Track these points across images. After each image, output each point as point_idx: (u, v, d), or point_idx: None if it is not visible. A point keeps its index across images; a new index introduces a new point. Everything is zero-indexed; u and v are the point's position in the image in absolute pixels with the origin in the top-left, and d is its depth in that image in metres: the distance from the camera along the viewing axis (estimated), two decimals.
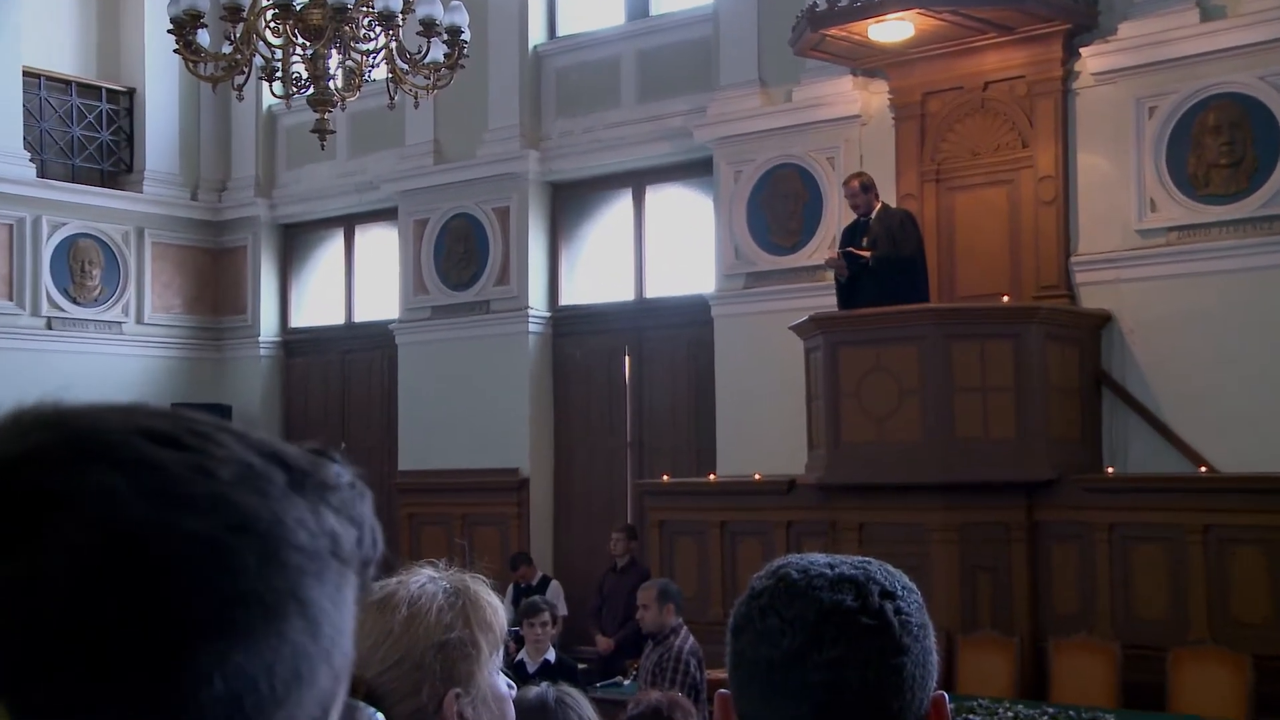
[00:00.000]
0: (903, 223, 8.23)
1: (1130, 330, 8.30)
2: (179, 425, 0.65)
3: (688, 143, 10.38)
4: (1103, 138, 8.52)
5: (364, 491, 0.70)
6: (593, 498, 11.10)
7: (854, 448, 7.96)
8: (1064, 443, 7.97)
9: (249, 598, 0.62)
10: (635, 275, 11.12)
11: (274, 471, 0.66)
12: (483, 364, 11.28)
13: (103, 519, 0.61)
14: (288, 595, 0.63)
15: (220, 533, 0.62)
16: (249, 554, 0.63)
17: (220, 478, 0.64)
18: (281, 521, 0.64)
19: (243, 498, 0.64)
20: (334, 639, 0.66)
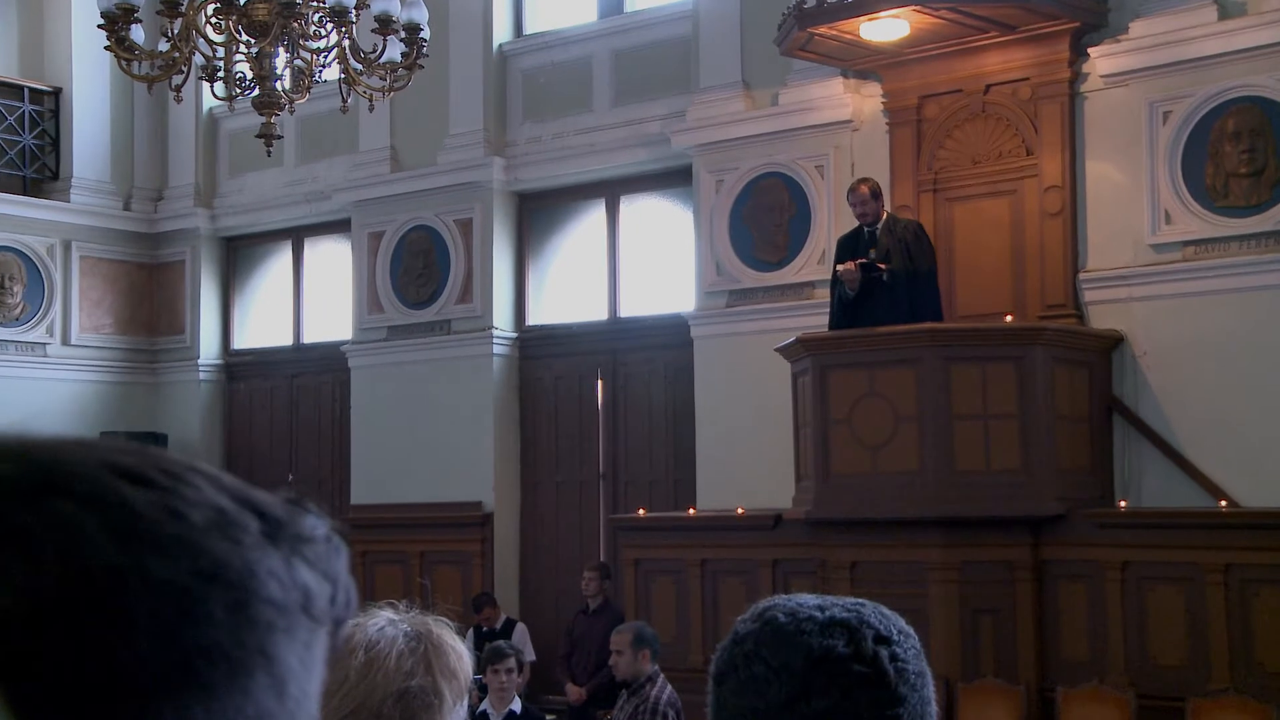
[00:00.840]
0: (916, 234, 8.25)
1: (1143, 353, 8.36)
2: (148, 462, 0.65)
3: (665, 150, 10.41)
4: (1113, 145, 8.59)
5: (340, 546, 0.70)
6: (562, 534, 11.08)
7: (845, 480, 7.98)
8: (1072, 474, 8.00)
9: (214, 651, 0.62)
10: (609, 293, 11.13)
11: (247, 519, 0.66)
12: (443, 389, 11.26)
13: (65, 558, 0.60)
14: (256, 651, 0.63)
15: (188, 580, 0.62)
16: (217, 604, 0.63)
17: (191, 521, 0.64)
18: (253, 572, 0.64)
19: (214, 544, 0.64)
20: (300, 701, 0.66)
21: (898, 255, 8.16)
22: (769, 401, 9.23)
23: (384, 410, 11.55)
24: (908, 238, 8.19)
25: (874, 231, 8.33)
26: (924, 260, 8.18)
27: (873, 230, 8.33)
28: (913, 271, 8.11)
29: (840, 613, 1.24)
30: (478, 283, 11.29)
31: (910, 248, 8.16)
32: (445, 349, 11.36)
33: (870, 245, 8.31)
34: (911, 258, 8.14)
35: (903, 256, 8.15)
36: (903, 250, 8.16)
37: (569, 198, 11.34)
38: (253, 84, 6.66)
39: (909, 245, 8.17)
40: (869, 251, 8.28)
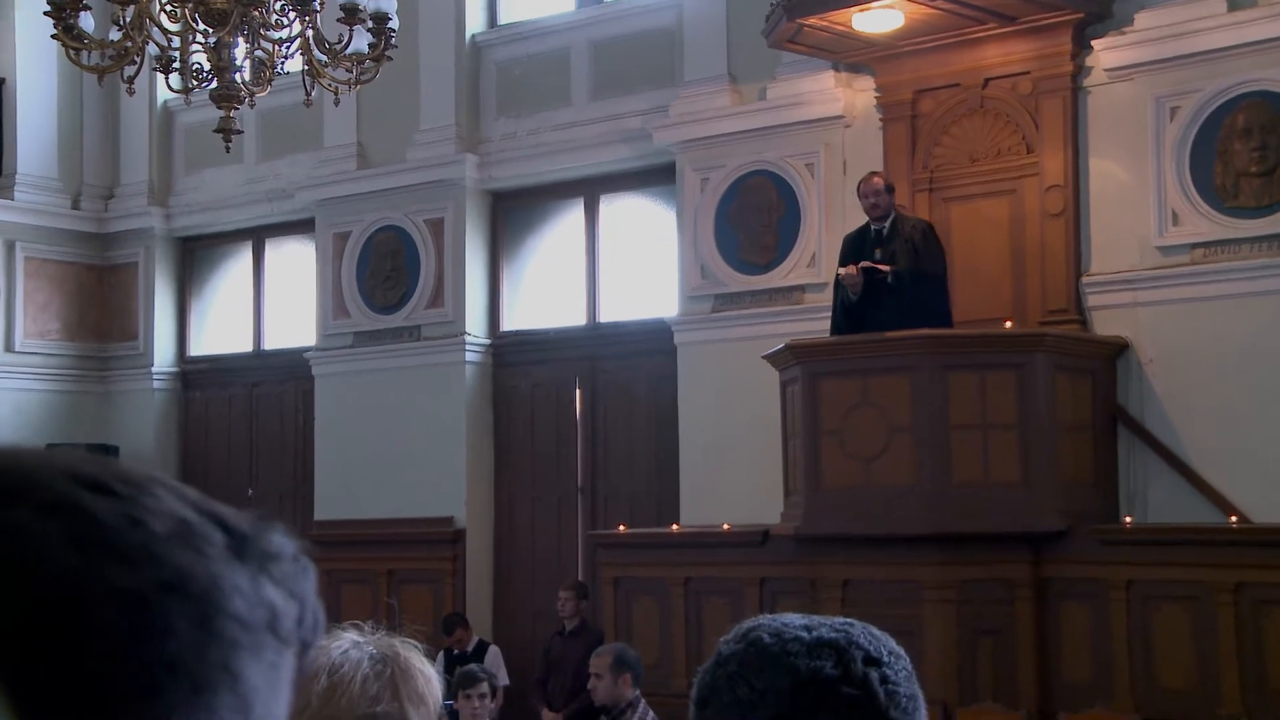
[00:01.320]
0: (925, 235, 8.26)
1: (1149, 360, 8.39)
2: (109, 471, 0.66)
3: (647, 146, 10.42)
4: (1118, 142, 8.62)
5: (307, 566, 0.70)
6: (538, 551, 11.07)
7: (837, 494, 7.99)
8: (1075, 488, 8.03)
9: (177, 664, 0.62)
10: (588, 297, 11.13)
11: (212, 532, 0.66)
12: (412, 398, 11.25)
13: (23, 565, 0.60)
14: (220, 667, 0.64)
15: (151, 590, 0.62)
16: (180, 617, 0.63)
17: (154, 530, 0.64)
18: (218, 586, 0.64)
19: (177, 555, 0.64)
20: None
21: (904, 256, 8.16)
22: (756, 411, 9.24)
23: (350, 421, 11.53)
24: (916, 238, 8.20)
25: (882, 230, 8.33)
26: (932, 263, 8.18)
27: (881, 228, 8.34)
28: (919, 274, 8.11)
29: (828, 633, 1.24)
30: (449, 286, 11.28)
31: (918, 249, 8.17)
32: (415, 356, 11.35)
33: (877, 244, 8.32)
34: (919, 259, 8.15)
35: (910, 258, 8.15)
36: (910, 251, 8.17)
37: (546, 197, 11.34)
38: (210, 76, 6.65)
39: (917, 246, 8.17)
40: (874, 251, 8.29)
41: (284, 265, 12.67)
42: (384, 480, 11.26)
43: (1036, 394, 7.86)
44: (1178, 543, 7.61)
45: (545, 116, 11.14)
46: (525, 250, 11.50)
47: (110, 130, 13.15)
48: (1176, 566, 7.52)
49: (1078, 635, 7.75)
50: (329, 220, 11.84)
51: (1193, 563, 7.47)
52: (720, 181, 10.01)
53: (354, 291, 11.67)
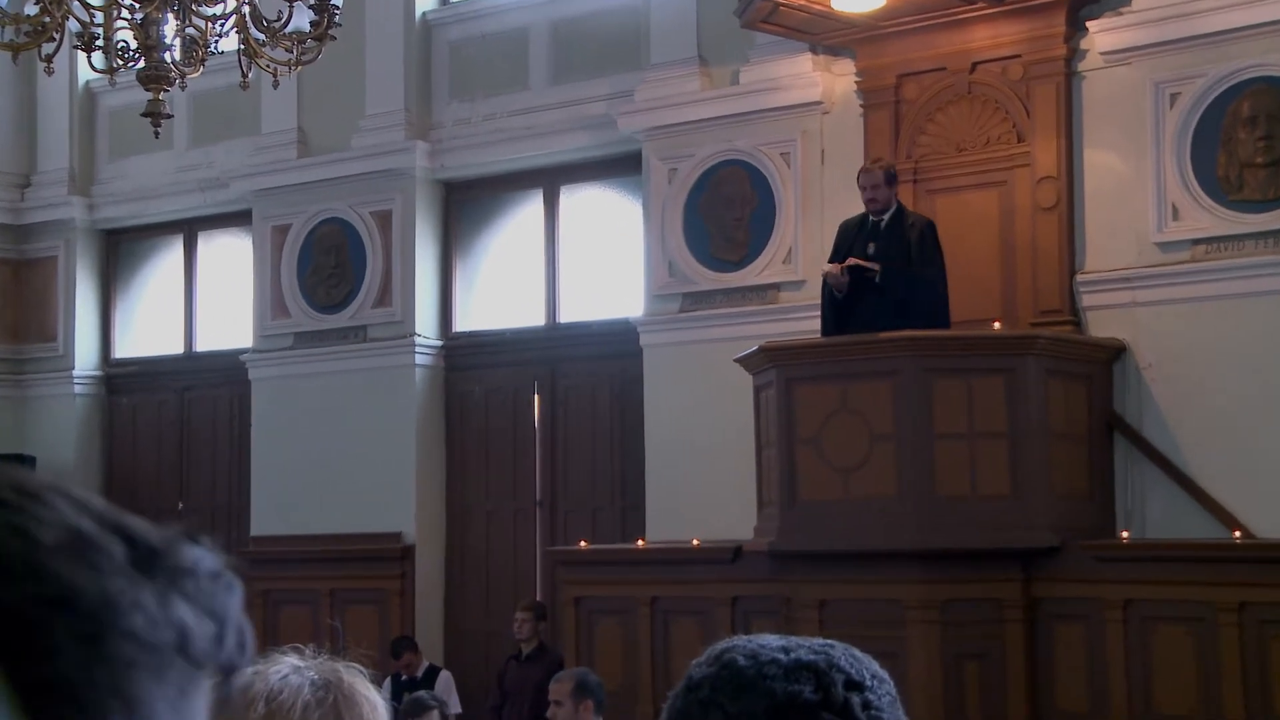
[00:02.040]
0: (924, 235, 8.23)
1: (1148, 364, 8.43)
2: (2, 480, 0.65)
3: (611, 134, 10.42)
4: (1114, 131, 8.66)
5: (232, 583, 0.70)
6: (493, 569, 11.05)
7: (814, 507, 8.00)
8: (1068, 501, 8.06)
9: (58, 687, 0.61)
10: (547, 295, 11.12)
11: (112, 545, 0.65)
12: (358, 404, 11.21)
13: None
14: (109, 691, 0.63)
15: (30, 606, 0.62)
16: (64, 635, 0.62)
17: (39, 542, 0.63)
18: (112, 603, 0.64)
19: (64, 568, 0.63)
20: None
21: (897, 254, 8.15)
22: (728, 418, 9.24)
23: (289, 429, 11.49)
24: (912, 237, 8.20)
25: (880, 223, 8.33)
26: (928, 265, 8.16)
27: (879, 221, 8.34)
28: (911, 277, 8.09)
29: (807, 655, 1.24)
30: (398, 283, 11.25)
31: (913, 248, 8.16)
32: (360, 359, 11.32)
33: (871, 238, 8.31)
34: (912, 259, 8.14)
35: (902, 256, 8.14)
36: (903, 249, 8.16)
37: (502, 187, 11.32)
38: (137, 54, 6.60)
39: (911, 245, 8.17)
40: (867, 245, 8.28)
41: (218, 260, 12.61)
42: (326, 493, 11.22)
43: (1027, 400, 7.88)
44: (1178, 559, 7.65)
45: (501, 101, 11.12)
46: (480, 245, 11.48)
47: (27, 113, 13.05)
48: (1177, 585, 7.55)
49: (1071, 658, 7.78)
50: (267, 212, 11.79)
51: (1194, 581, 7.51)
52: (689, 172, 10.01)
53: (294, 289, 11.62)
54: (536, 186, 11.21)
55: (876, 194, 8.31)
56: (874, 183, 8.33)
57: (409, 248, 11.25)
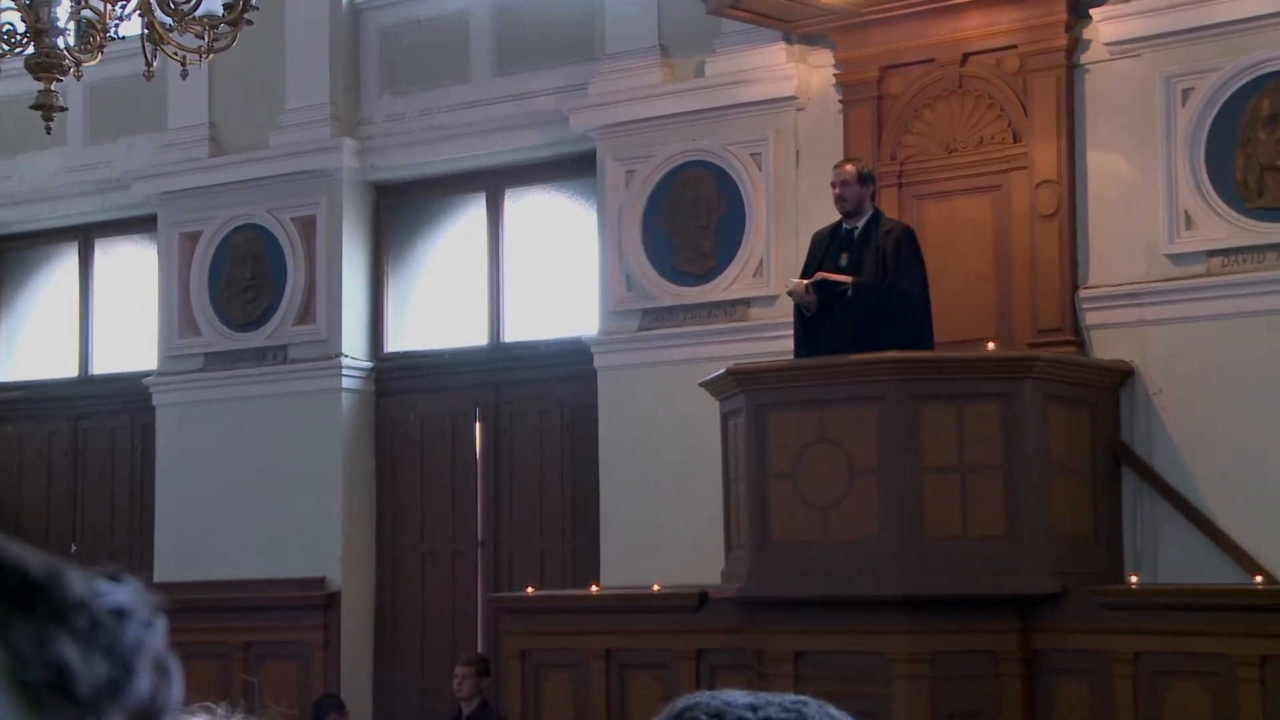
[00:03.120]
0: (900, 243, 8.22)
1: (1159, 389, 8.47)
2: None
3: (562, 131, 10.42)
4: (1121, 130, 8.71)
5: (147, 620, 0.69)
6: (430, 618, 11.02)
7: (788, 549, 8.00)
8: (1071, 542, 8.08)
9: None
10: (490, 311, 11.11)
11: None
12: (276, 434, 11.16)
13: None
14: None
15: None
16: None
17: None
18: None
19: None
20: None
21: (871, 265, 8.16)
22: (692, 449, 9.23)
23: (199, 461, 11.42)
24: (887, 245, 8.18)
25: (854, 230, 8.34)
26: (905, 276, 8.15)
27: (853, 228, 8.35)
28: (885, 290, 8.09)
29: (778, 714, 1.24)
30: (322, 298, 11.21)
31: (888, 258, 8.15)
32: (280, 382, 11.27)
33: (843, 248, 8.32)
34: (888, 269, 8.14)
35: (878, 267, 8.14)
36: (878, 259, 8.16)
37: (440, 190, 11.31)
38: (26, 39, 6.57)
39: (886, 255, 8.16)
40: (839, 256, 8.29)
41: (118, 271, 12.54)
42: (240, 534, 11.16)
43: (1025, 429, 7.91)
44: (1194, 607, 7.68)
45: (439, 95, 11.11)
46: (415, 255, 11.46)
47: None
48: (1192, 636, 7.58)
49: (1075, 717, 7.80)
50: (174, 217, 11.74)
51: (1211, 631, 7.53)
52: (649, 174, 10.02)
53: (205, 304, 11.57)
54: (478, 190, 11.20)
55: (845, 192, 8.31)
56: (843, 179, 8.33)
57: (335, 258, 11.21)
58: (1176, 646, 7.60)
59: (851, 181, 8.33)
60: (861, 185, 8.35)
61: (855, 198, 8.33)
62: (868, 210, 8.36)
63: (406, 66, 11.28)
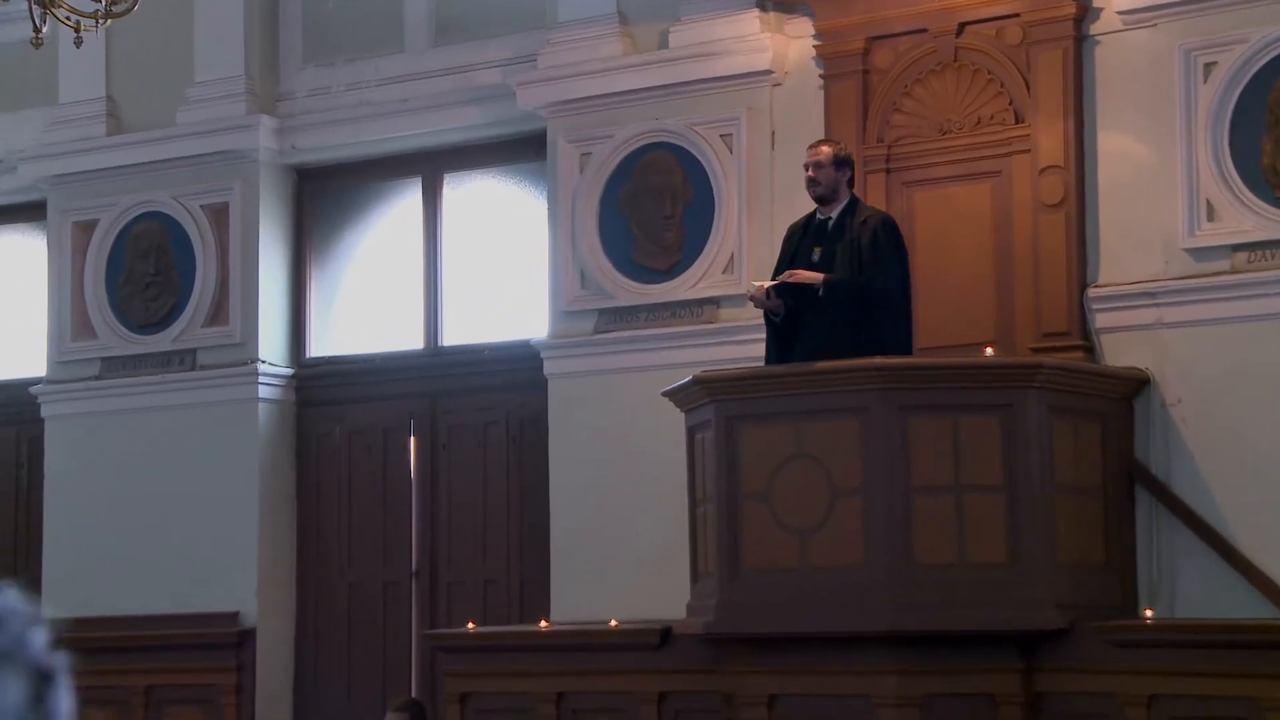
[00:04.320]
0: (878, 234, 8.18)
1: (1177, 400, 8.49)
2: None
3: (508, 109, 10.40)
4: (1135, 109, 8.73)
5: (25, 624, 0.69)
6: (357, 658, 10.97)
7: (762, 578, 7.99)
8: (1079, 571, 8.09)
9: None
10: (427, 311, 11.07)
11: None
12: (184, 449, 11.10)
13: None
14: None
15: None
16: None
17: None
18: None
19: None
20: None
21: (845, 260, 8.14)
22: (654, 467, 9.22)
23: (94, 480, 11.35)
24: (863, 237, 8.16)
25: (828, 220, 8.32)
26: (882, 272, 8.13)
27: (827, 218, 8.32)
28: (862, 287, 8.07)
29: None
30: (236, 296, 11.16)
31: (864, 252, 8.13)
32: (188, 391, 11.22)
33: (817, 240, 8.30)
34: (863, 264, 8.12)
35: (851, 262, 8.12)
36: (852, 252, 8.14)
37: (370, 175, 11.27)
38: None
39: (862, 249, 8.14)
40: (812, 249, 8.28)
41: (1, 265, 12.46)
42: (141, 563, 11.09)
43: (1027, 445, 7.91)
44: (1216, 645, 7.68)
45: (369, 66, 11.08)
46: (342, 247, 11.42)
47: None
48: (1214, 677, 7.58)
49: None
50: (67, 204, 11.67)
51: (1235, 672, 7.54)
52: (606, 158, 10.01)
53: (102, 302, 11.51)
54: (414, 174, 11.17)
55: (819, 175, 8.29)
56: (817, 160, 8.31)
57: (251, 251, 11.16)
58: (1196, 689, 7.60)
59: (826, 164, 8.32)
60: (838, 169, 8.33)
61: (829, 181, 8.31)
62: (844, 197, 8.35)
63: (332, 35, 11.24)
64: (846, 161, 8.40)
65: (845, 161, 8.39)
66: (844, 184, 8.36)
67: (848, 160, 8.42)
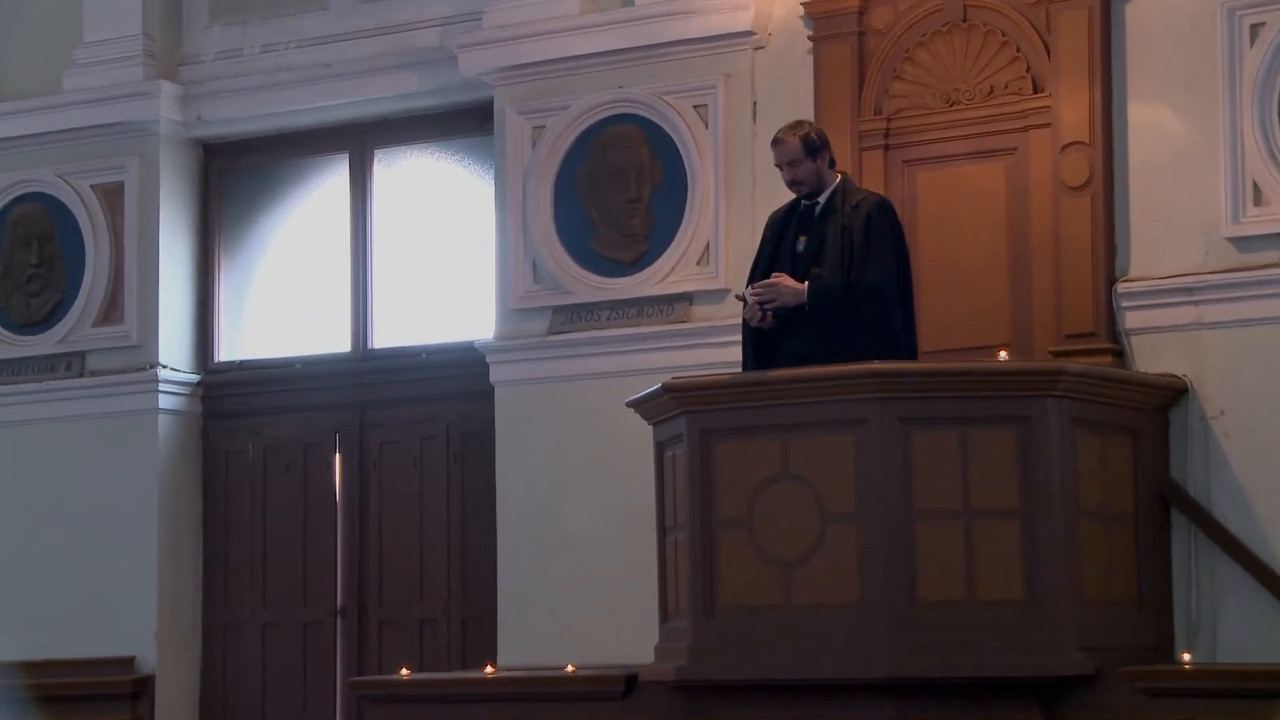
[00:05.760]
0: (872, 219, 8.08)
1: (1219, 412, 8.50)
2: None
3: (448, 75, 10.39)
4: (1171, 76, 8.73)
5: None
6: (272, 709, 10.98)
7: (741, 617, 7.98)
8: (1107, 609, 8.10)
9: None
10: (355, 309, 11.07)
11: None
12: (72, 468, 11.08)
13: None
14: None
15: None
16: None
17: None
18: None
19: None
20: None
21: (834, 251, 8.10)
22: (617, 489, 9.22)
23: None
24: (855, 226, 8.10)
25: (814, 208, 8.28)
26: (877, 266, 8.07)
27: (813, 205, 8.29)
28: (858, 288, 8.01)
29: None
30: (132, 291, 11.14)
31: (856, 242, 8.07)
32: (76, 401, 11.19)
33: (802, 229, 8.26)
34: (853, 261, 8.05)
35: (843, 255, 8.07)
36: (843, 243, 8.09)
37: (288, 151, 11.28)
38: None
39: (854, 238, 8.09)
40: (797, 239, 8.24)
41: None
42: (23, 601, 11.08)
43: (1047, 464, 7.91)
44: (1262, 694, 7.70)
45: (287, 26, 11.07)
46: (256, 235, 11.41)
47: None
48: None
49: None
50: None
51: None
52: (563, 132, 10.01)
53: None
54: (339, 150, 11.17)
55: (797, 173, 8.16)
56: (790, 158, 8.15)
57: (149, 238, 11.15)
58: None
59: (800, 158, 8.17)
60: (813, 157, 8.18)
61: (809, 175, 8.20)
62: (831, 180, 8.26)
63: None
64: (819, 144, 8.20)
65: (817, 145, 8.18)
66: (825, 168, 8.25)
67: (820, 142, 8.21)
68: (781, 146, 8.24)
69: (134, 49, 11.26)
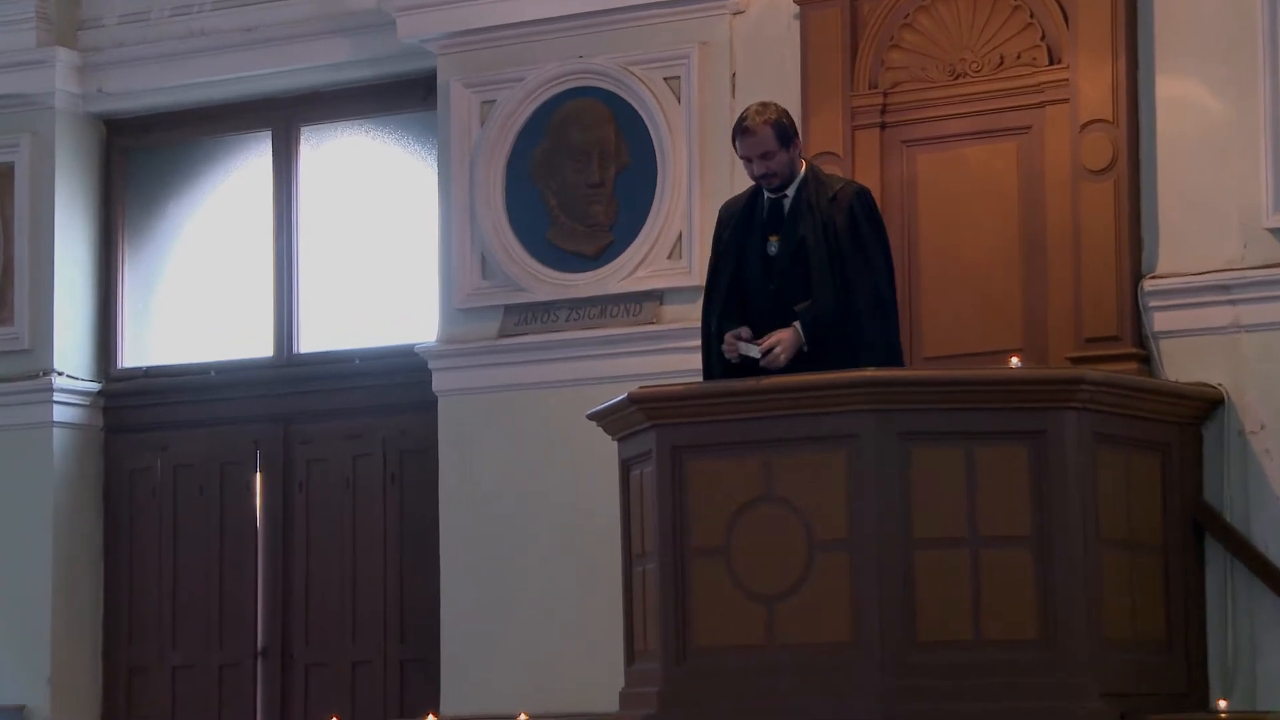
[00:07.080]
0: (856, 212, 7.99)
1: (1259, 427, 8.54)
2: None
3: (386, 43, 10.42)
4: (1204, 48, 8.77)
5: None
6: None
7: (717, 658, 7.99)
8: (1132, 649, 8.13)
9: None
10: (279, 308, 11.07)
11: None
12: None
13: None
14: None
15: None
16: None
17: None
18: None
19: None
20: None
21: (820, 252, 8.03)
22: (577, 513, 9.24)
23: None
24: (838, 218, 8.09)
25: (782, 202, 8.25)
26: (869, 267, 8.04)
27: (780, 199, 8.27)
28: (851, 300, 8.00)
29: None
30: (24, 287, 11.14)
31: (842, 240, 8.03)
32: None
33: (771, 228, 8.23)
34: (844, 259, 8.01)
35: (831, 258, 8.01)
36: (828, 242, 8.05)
37: (203, 128, 11.29)
38: None
39: (839, 232, 8.05)
40: (765, 242, 8.20)
41: None
42: None
43: (1064, 484, 7.93)
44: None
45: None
46: (165, 223, 11.41)
47: None
48: None
49: None
50: None
51: None
52: (515, 107, 10.03)
53: None
54: (262, 127, 11.19)
55: (771, 165, 8.04)
56: (763, 149, 7.99)
57: (43, 227, 11.15)
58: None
59: (775, 148, 8.06)
60: (783, 147, 8.07)
61: (782, 166, 8.11)
62: (800, 172, 8.18)
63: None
64: (788, 133, 8.09)
65: (787, 133, 8.06)
66: (797, 157, 8.17)
67: (793, 127, 8.14)
68: (752, 137, 8.05)
69: (25, 10, 11.26)
